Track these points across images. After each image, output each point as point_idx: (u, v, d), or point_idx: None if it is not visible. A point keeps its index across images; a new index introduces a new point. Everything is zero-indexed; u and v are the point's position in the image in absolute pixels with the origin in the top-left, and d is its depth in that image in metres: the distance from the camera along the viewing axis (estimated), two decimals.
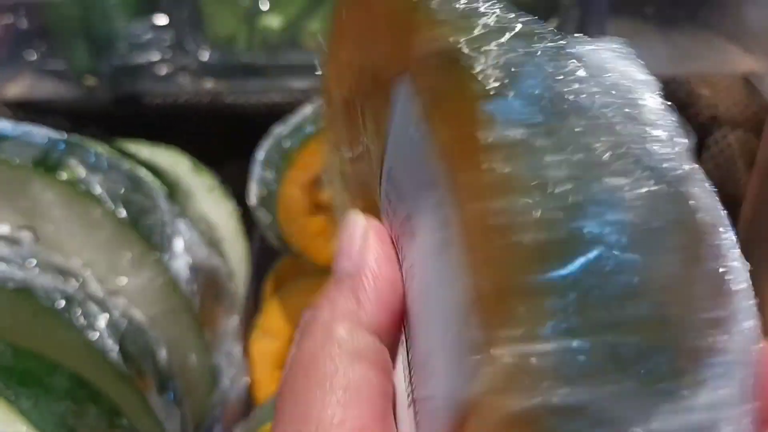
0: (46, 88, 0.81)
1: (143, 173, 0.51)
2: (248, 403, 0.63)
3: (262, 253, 0.75)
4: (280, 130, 0.69)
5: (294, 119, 0.69)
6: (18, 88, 0.82)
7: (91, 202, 0.45)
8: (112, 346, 0.41)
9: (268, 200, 0.68)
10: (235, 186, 0.71)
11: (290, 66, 0.71)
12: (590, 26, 0.67)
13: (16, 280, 0.40)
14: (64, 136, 0.49)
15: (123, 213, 0.45)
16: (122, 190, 0.46)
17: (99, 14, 0.72)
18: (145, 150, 0.70)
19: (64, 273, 0.44)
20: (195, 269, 0.48)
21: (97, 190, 0.45)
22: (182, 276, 0.47)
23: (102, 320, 0.42)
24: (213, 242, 0.60)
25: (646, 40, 0.70)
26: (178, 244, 0.48)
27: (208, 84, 0.77)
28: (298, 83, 0.70)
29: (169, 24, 0.71)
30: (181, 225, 0.50)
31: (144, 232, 0.46)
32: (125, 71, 0.74)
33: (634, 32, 0.72)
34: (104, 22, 0.73)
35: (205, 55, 0.72)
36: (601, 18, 0.66)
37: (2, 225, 0.45)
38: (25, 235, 0.45)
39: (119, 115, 0.79)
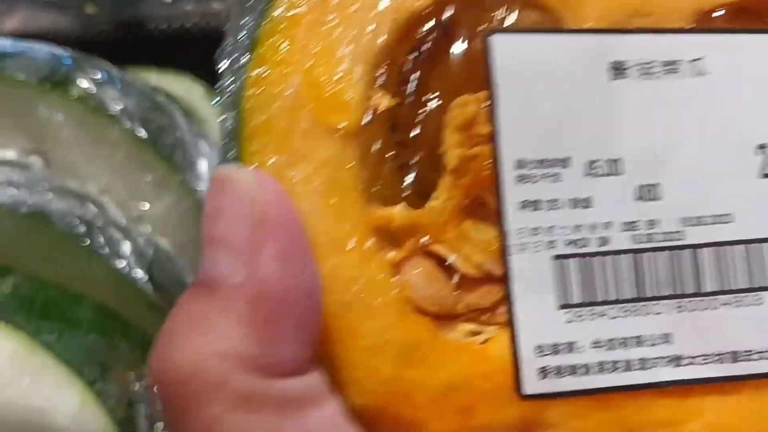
0: (43, 19, 0.76)
1: (158, 92, 0.47)
2: None
3: None
4: None
5: None
6: (14, 20, 0.77)
7: (106, 120, 0.41)
8: (140, 275, 0.38)
9: None
10: None
11: None
12: None
13: (29, 205, 0.36)
14: (69, 52, 0.45)
15: (142, 132, 0.41)
16: (138, 108, 0.42)
17: None
18: (154, 77, 0.66)
19: (81, 198, 0.40)
20: None
21: (112, 107, 0.41)
22: None
23: (126, 247, 0.38)
24: None
25: None
26: (202, 165, 0.44)
27: (216, 6, 0.72)
28: None
29: None
30: (204, 145, 0.45)
31: (165, 152, 0.42)
32: None
33: None
34: None
35: None
36: None
37: (8, 150, 0.41)
38: (35, 160, 0.41)
39: (123, 43, 0.74)
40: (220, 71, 0.22)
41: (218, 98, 0.22)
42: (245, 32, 0.22)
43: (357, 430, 0.18)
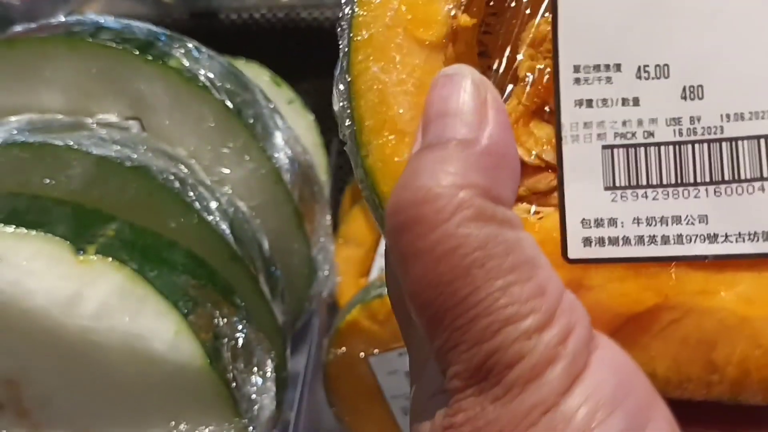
0: (122, 6, 0.81)
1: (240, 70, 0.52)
2: (334, 306, 0.64)
3: (339, 167, 0.75)
4: None
5: None
6: (95, 6, 0.82)
7: (198, 91, 0.45)
8: (225, 229, 0.42)
9: None
10: (312, 101, 0.71)
11: None
12: None
13: (132, 160, 0.41)
14: (164, 30, 0.49)
15: (229, 103, 0.46)
16: (225, 82, 0.47)
17: None
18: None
19: (174, 159, 0.44)
20: (294, 162, 0.49)
21: (203, 80, 0.46)
22: (283, 167, 0.47)
23: (213, 204, 0.43)
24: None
25: None
26: (278, 137, 0.48)
27: None
28: None
29: None
30: (278, 120, 0.50)
31: (247, 123, 0.46)
32: None
33: None
34: None
35: None
36: None
37: (110, 114, 0.46)
38: (133, 124, 0.46)
39: (195, 31, 0.79)
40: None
41: (341, 23, 0.26)
42: None
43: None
